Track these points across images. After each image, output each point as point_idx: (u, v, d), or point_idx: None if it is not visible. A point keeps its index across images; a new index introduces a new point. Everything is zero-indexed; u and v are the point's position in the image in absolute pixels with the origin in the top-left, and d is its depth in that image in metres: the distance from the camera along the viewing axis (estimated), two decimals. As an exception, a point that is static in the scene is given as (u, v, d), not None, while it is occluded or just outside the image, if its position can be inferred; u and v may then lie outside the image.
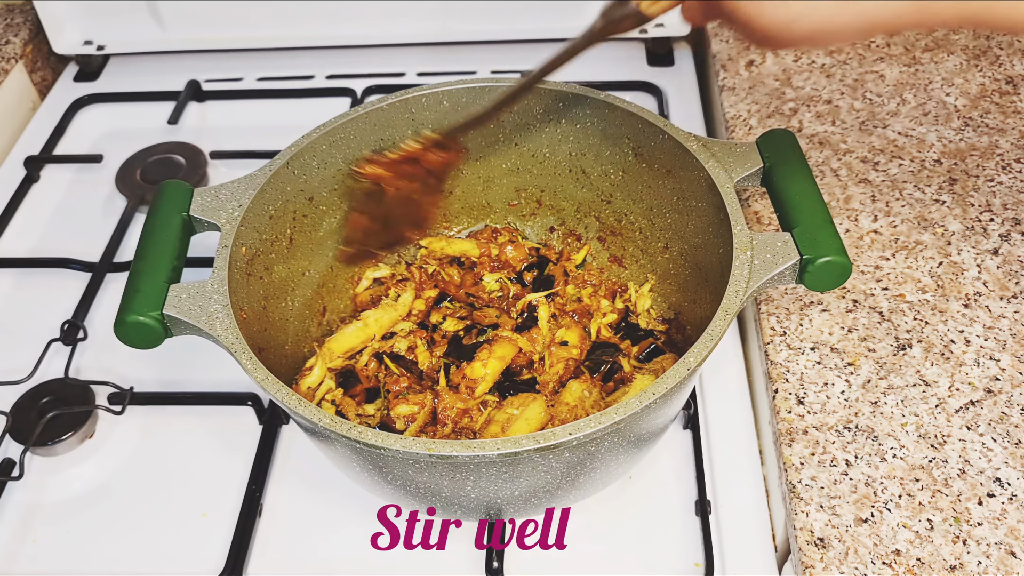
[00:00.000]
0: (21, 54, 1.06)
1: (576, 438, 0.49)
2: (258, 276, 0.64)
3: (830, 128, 0.85)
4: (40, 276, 0.84)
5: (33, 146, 0.99)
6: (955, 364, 0.66)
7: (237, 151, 0.95)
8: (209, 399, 0.73)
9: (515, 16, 1.03)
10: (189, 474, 0.70)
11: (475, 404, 0.64)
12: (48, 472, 0.70)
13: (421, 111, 0.71)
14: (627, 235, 0.75)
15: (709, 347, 0.53)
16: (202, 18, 1.03)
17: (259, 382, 0.53)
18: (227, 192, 0.64)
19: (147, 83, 1.05)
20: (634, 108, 0.68)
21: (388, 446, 0.49)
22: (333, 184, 0.71)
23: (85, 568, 0.64)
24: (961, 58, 0.91)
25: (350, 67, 1.05)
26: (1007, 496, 0.58)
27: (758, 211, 0.79)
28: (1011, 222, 0.75)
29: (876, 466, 0.60)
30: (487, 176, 0.77)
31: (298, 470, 0.69)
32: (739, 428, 0.71)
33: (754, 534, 0.64)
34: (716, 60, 0.96)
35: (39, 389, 0.72)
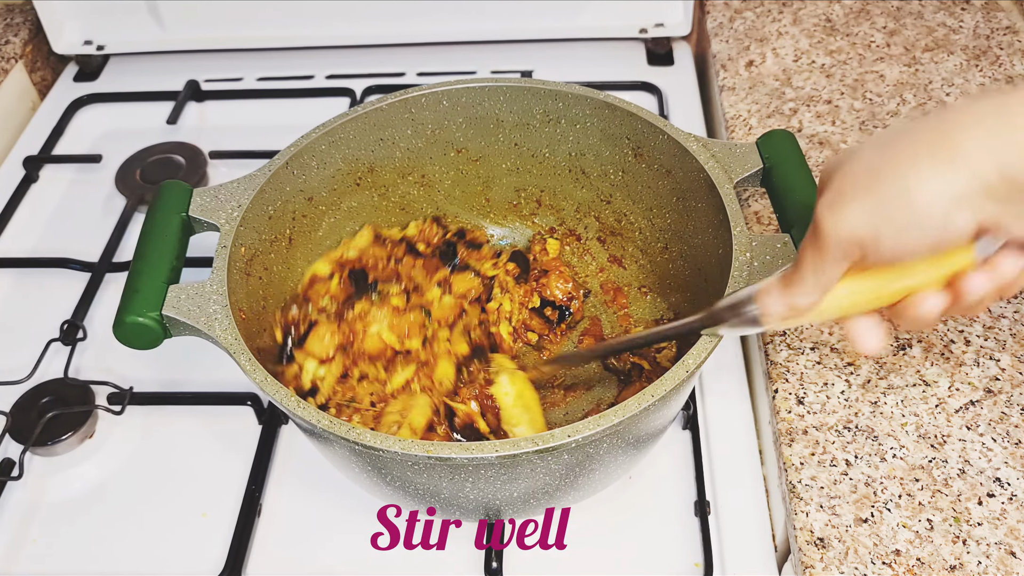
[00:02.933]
0: (21, 54, 1.06)
1: (575, 440, 0.49)
2: (257, 276, 0.64)
3: (830, 128, 0.85)
4: (40, 276, 0.84)
5: (33, 146, 0.98)
6: (955, 364, 0.65)
7: (237, 151, 0.95)
8: (209, 399, 0.73)
9: (515, 16, 1.03)
10: (189, 474, 0.70)
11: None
12: (48, 472, 0.70)
13: (421, 111, 0.71)
14: (627, 235, 0.75)
15: (709, 348, 0.53)
16: (202, 18, 1.03)
17: (258, 383, 0.53)
18: (226, 192, 0.64)
19: (147, 83, 1.05)
20: (634, 108, 0.68)
21: (387, 448, 0.49)
22: (332, 184, 0.71)
23: (85, 568, 0.64)
24: (961, 58, 0.91)
25: (350, 67, 1.05)
26: (1007, 496, 0.58)
27: (758, 211, 0.79)
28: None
29: (876, 466, 0.60)
30: (487, 176, 0.77)
31: (297, 470, 0.69)
32: (739, 428, 0.70)
33: (754, 534, 0.64)
34: (716, 60, 0.96)
35: (39, 389, 0.72)
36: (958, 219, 0.42)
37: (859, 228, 0.43)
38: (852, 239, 0.44)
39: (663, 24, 1.03)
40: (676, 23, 1.03)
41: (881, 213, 0.43)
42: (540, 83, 0.70)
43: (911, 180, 0.42)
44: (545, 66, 1.03)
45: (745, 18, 1.00)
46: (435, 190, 0.77)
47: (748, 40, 0.97)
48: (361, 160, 0.72)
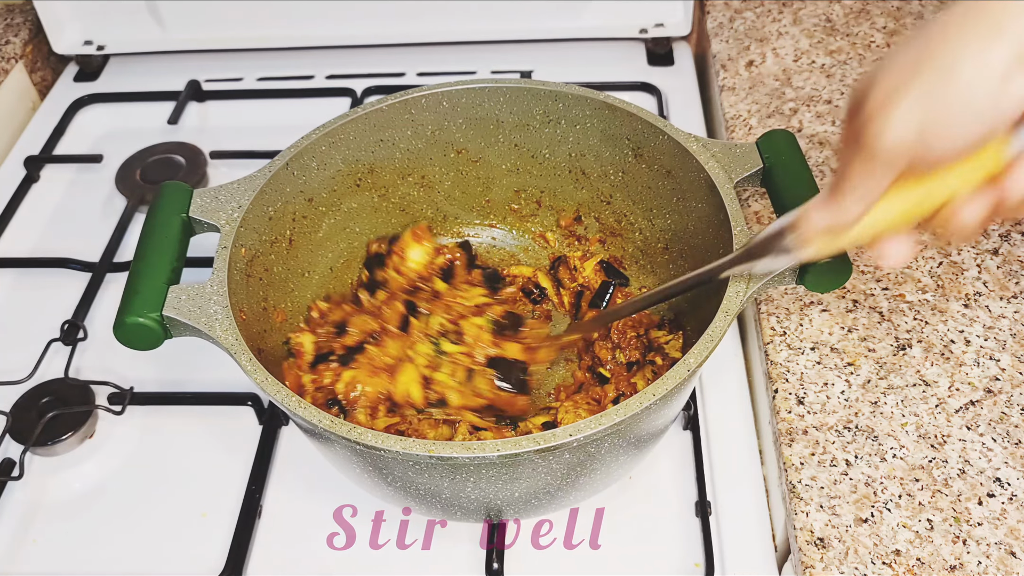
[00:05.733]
0: (21, 54, 1.06)
1: (576, 439, 0.49)
2: (258, 277, 0.64)
3: (830, 128, 0.85)
4: (40, 276, 0.84)
5: (33, 146, 0.99)
6: (955, 364, 0.66)
7: (237, 151, 0.95)
8: (209, 399, 0.73)
9: (515, 16, 1.03)
10: (189, 474, 0.70)
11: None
12: (48, 472, 0.70)
13: (421, 112, 0.71)
14: (627, 236, 0.75)
15: (709, 348, 0.53)
16: (202, 18, 1.03)
17: (259, 383, 0.53)
18: (226, 193, 0.64)
19: (147, 83, 1.05)
20: (634, 108, 0.68)
21: (388, 447, 0.49)
22: (332, 185, 0.71)
23: (85, 568, 0.65)
24: (961, 58, 0.91)
25: (350, 67, 1.05)
26: (1007, 496, 0.58)
27: (758, 211, 0.79)
28: (1011, 222, 0.75)
29: (876, 466, 0.60)
30: (487, 177, 0.77)
31: (298, 471, 0.70)
32: (739, 428, 0.71)
33: (754, 534, 0.64)
34: (716, 60, 0.96)
35: (39, 389, 0.72)
36: (1010, 89, 0.41)
37: (908, 126, 0.43)
38: (900, 141, 0.43)
39: (663, 24, 1.03)
40: (676, 23, 1.03)
41: (929, 102, 0.42)
42: (540, 84, 0.70)
43: (957, 59, 0.41)
44: (545, 66, 1.03)
45: (745, 18, 1.00)
46: (435, 191, 0.77)
47: (748, 40, 0.97)
48: (361, 161, 0.72)
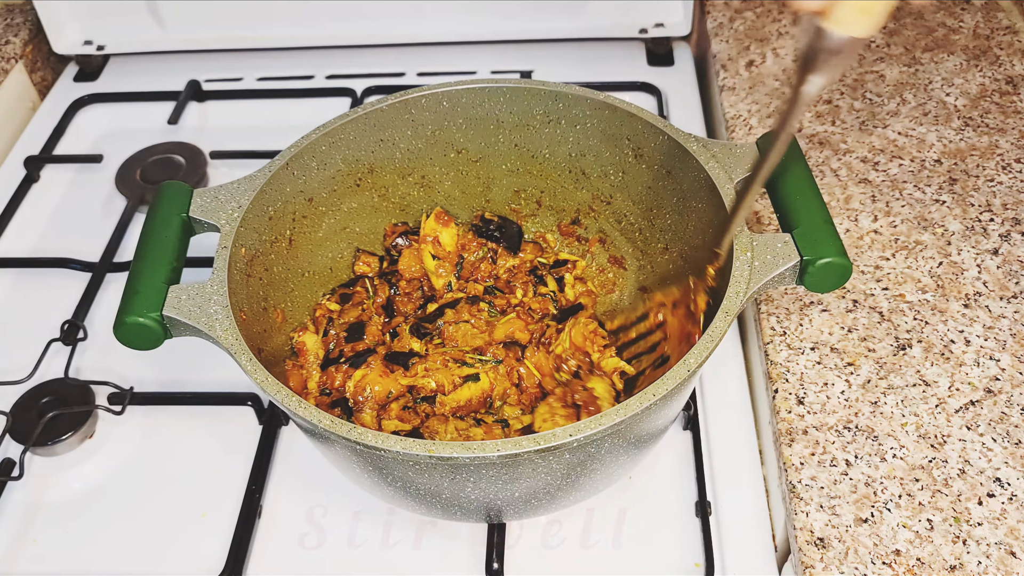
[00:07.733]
0: (21, 54, 1.06)
1: (576, 439, 0.49)
2: (258, 277, 0.64)
3: (830, 128, 0.85)
4: (40, 276, 0.84)
5: (33, 146, 0.99)
6: (955, 364, 0.66)
7: (237, 151, 0.95)
8: (209, 399, 0.73)
9: (515, 16, 1.03)
10: (189, 474, 0.70)
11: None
12: (48, 472, 0.70)
13: (421, 112, 0.71)
14: (627, 236, 0.75)
15: (709, 348, 0.53)
16: (202, 18, 1.03)
17: (259, 383, 0.53)
18: (226, 193, 0.64)
19: (147, 83, 1.05)
20: (634, 109, 0.68)
21: (388, 447, 0.49)
22: (332, 185, 0.71)
23: (85, 568, 0.65)
24: (961, 58, 0.91)
25: (350, 67, 1.05)
26: (1007, 496, 0.58)
27: (758, 211, 0.79)
28: (1011, 222, 0.75)
29: (876, 466, 0.60)
30: (487, 177, 0.77)
31: (297, 471, 0.70)
32: (739, 428, 0.71)
33: (754, 534, 0.64)
34: (716, 60, 0.96)
35: (39, 389, 0.72)
36: None
37: None
38: None
39: (663, 24, 1.03)
40: (676, 23, 1.03)
41: None
42: (540, 84, 0.70)
43: None
44: (545, 66, 1.03)
45: (745, 18, 1.00)
46: (435, 191, 0.77)
47: (748, 40, 0.97)
48: (361, 161, 0.72)
